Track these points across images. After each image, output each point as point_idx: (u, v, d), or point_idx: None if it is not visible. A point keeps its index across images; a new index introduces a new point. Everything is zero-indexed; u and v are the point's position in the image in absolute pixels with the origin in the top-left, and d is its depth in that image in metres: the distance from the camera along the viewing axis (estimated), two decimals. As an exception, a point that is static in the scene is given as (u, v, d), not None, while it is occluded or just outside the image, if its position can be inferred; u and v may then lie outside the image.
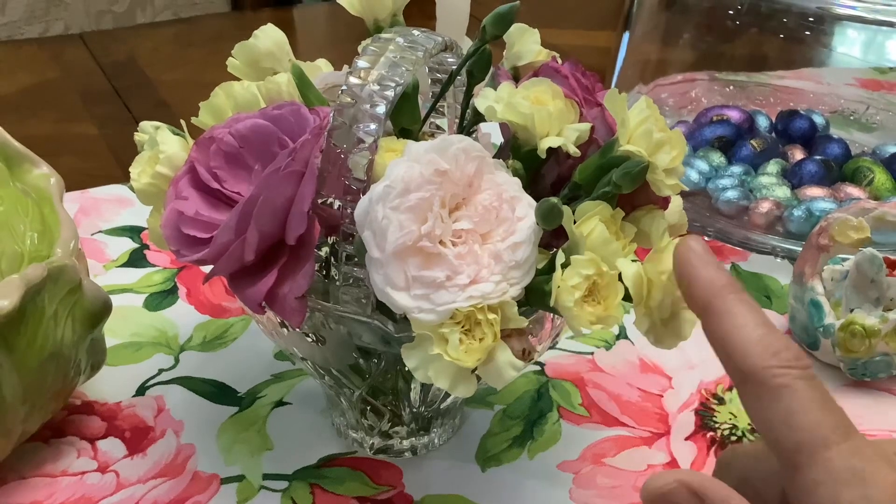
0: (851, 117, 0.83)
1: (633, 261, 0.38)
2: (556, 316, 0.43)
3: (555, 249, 0.39)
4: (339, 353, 0.44)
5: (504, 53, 0.48)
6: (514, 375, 0.37)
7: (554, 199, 0.37)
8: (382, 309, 0.39)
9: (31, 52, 0.99)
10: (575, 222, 0.38)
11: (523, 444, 0.51)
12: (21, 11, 1.24)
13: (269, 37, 0.48)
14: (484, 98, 0.41)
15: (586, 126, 0.41)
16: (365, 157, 0.38)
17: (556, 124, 0.40)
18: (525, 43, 0.47)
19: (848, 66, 0.89)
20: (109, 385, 0.54)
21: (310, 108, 0.42)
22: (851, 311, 0.56)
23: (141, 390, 0.54)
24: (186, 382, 0.55)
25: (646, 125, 0.39)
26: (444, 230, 0.37)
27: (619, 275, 0.37)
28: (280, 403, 0.53)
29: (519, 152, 0.42)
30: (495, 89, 0.42)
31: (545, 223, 0.38)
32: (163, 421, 0.52)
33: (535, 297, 0.39)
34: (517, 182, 0.39)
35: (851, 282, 0.56)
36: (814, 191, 0.69)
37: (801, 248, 0.59)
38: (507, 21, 0.44)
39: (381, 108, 0.38)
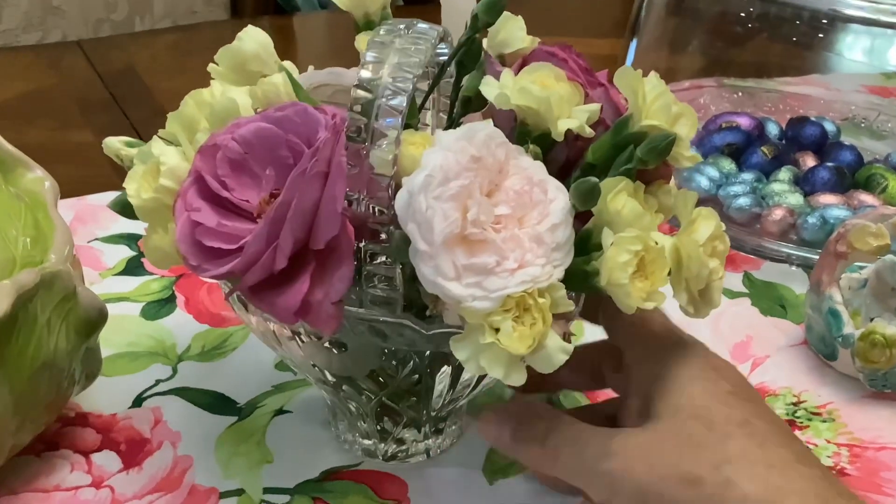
0: (862, 124, 0.82)
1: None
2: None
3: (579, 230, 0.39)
4: (361, 358, 0.43)
5: (486, 42, 0.46)
6: (563, 360, 0.37)
7: (594, 179, 0.38)
8: (410, 308, 0.39)
9: (29, 59, 0.97)
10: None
11: (533, 457, 0.50)
12: (18, 19, 1.23)
13: (253, 39, 0.45)
14: (489, 86, 0.41)
15: (596, 106, 0.41)
16: (389, 151, 0.37)
17: (567, 107, 0.40)
18: (510, 30, 0.46)
19: (856, 72, 0.88)
20: (105, 396, 0.52)
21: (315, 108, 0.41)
22: (871, 320, 0.54)
23: (137, 401, 0.53)
24: (184, 393, 0.53)
25: (663, 99, 0.39)
26: (487, 216, 0.37)
27: None
28: (280, 412, 0.52)
29: (526, 139, 0.41)
30: (481, 78, 0.42)
31: (583, 204, 0.38)
32: (159, 433, 0.50)
33: (575, 280, 0.39)
34: (541, 165, 0.39)
35: (871, 290, 0.55)
36: (827, 198, 0.67)
37: (815, 256, 0.58)
38: (499, 8, 0.43)
39: (401, 101, 0.37)
